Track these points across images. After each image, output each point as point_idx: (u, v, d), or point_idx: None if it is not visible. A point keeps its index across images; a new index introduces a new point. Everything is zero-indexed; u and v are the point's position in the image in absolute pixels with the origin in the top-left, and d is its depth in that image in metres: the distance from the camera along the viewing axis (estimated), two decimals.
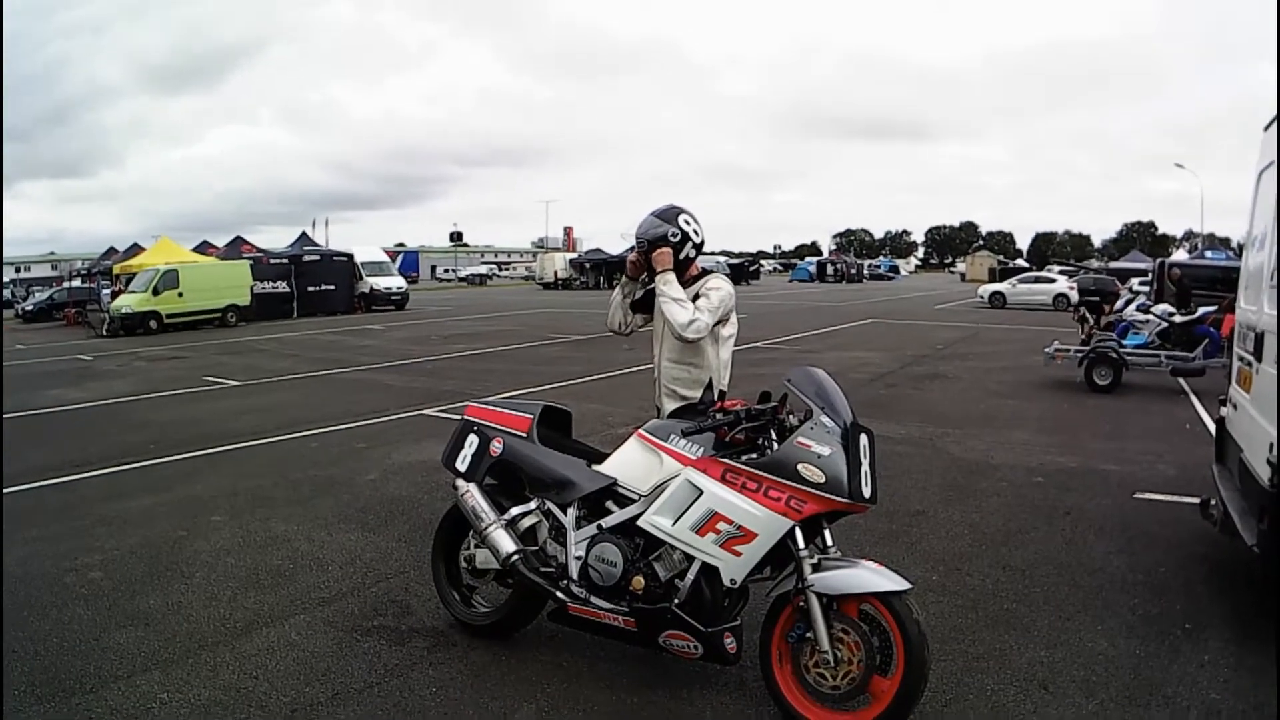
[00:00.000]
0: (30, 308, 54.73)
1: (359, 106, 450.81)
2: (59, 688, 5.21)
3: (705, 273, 5.76)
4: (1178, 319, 17.49)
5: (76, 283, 54.79)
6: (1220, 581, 6.62)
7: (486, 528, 5.41)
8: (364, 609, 6.37)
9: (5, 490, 9.68)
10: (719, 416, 4.88)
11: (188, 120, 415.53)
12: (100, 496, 9.60)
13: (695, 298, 5.50)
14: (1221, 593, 6.42)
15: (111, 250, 53.83)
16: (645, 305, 5.91)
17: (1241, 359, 6.83)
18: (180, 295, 37.25)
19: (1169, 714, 4.76)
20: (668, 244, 5.54)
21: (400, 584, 6.83)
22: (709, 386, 5.54)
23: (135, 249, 48.15)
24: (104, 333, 36.08)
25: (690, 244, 5.62)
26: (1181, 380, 16.14)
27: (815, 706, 4.59)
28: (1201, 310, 17.78)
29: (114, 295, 39.63)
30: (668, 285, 5.44)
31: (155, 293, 36.59)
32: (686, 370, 5.64)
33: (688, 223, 5.63)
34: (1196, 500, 7.32)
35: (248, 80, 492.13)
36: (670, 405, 5.58)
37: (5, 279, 78.00)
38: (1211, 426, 9.06)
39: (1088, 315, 20.94)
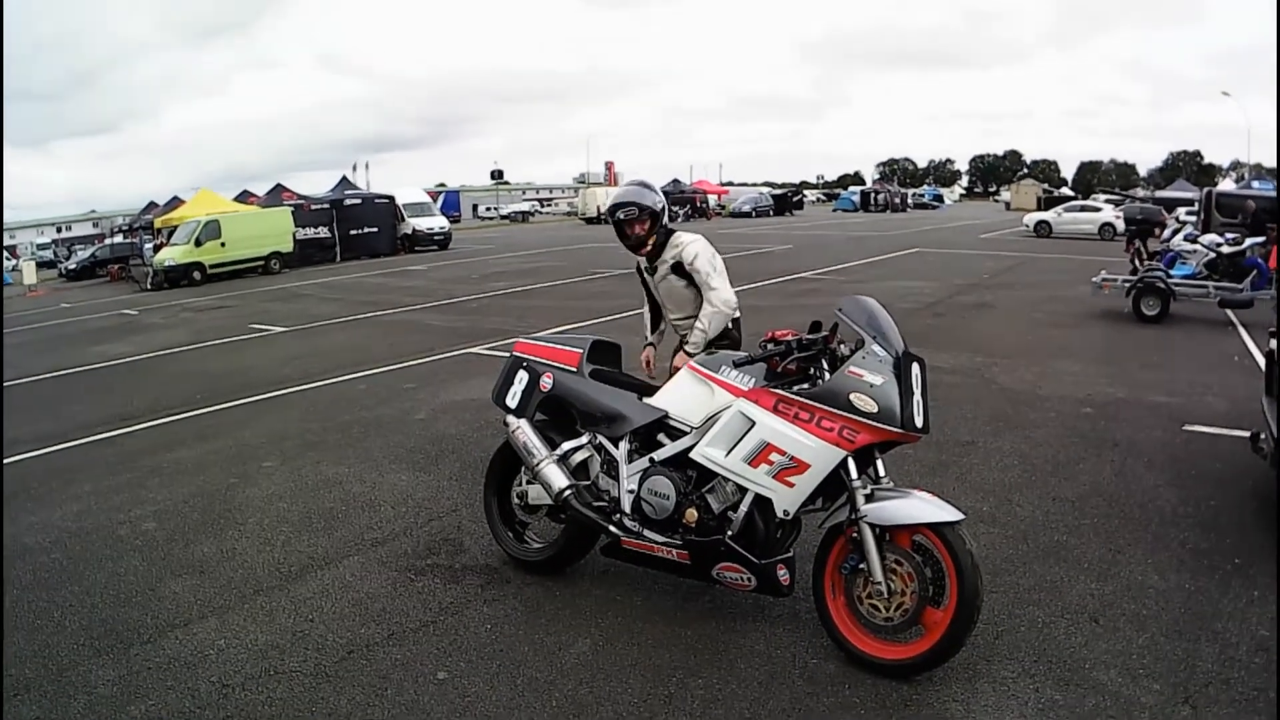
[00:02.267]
0: (74, 266, 54.87)
1: (394, 48, 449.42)
2: (117, 639, 5.30)
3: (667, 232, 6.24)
4: (1225, 249, 17.25)
5: (118, 239, 55.09)
6: (1270, 516, 6.51)
7: (538, 463, 5.44)
8: (417, 548, 6.44)
9: (58, 447, 9.88)
10: (770, 347, 4.87)
11: (221, 71, 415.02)
12: (151, 448, 9.70)
13: (678, 265, 6.10)
14: (1271, 527, 6.32)
15: (152, 205, 53.87)
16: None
17: None
18: (223, 245, 37.20)
19: (1218, 649, 4.74)
20: (656, 212, 6.16)
21: (453, 522, 6.90)
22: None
23: (176, 202, 48.19)
24: (148, 286, 36.14)
25: (667, 212, 6.27)
26: (1229, 312, 15.92)
27: (868, 638, 4.61)
28: (1249, 241, 17.55)
29: (156, 249, 39.55)
30: (701, 344, 6.06)
31: (198, 244, 36.55)
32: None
33: (660, 192, 6.27)
34: (1247, 433, 7.26)
35: (279, 27, 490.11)
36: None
37: (48, 240, 78.70)
38: (1260, 359, 8.97)
39: (1143, 248, 20.70)
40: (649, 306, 6.82)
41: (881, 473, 4.65)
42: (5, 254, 53.92)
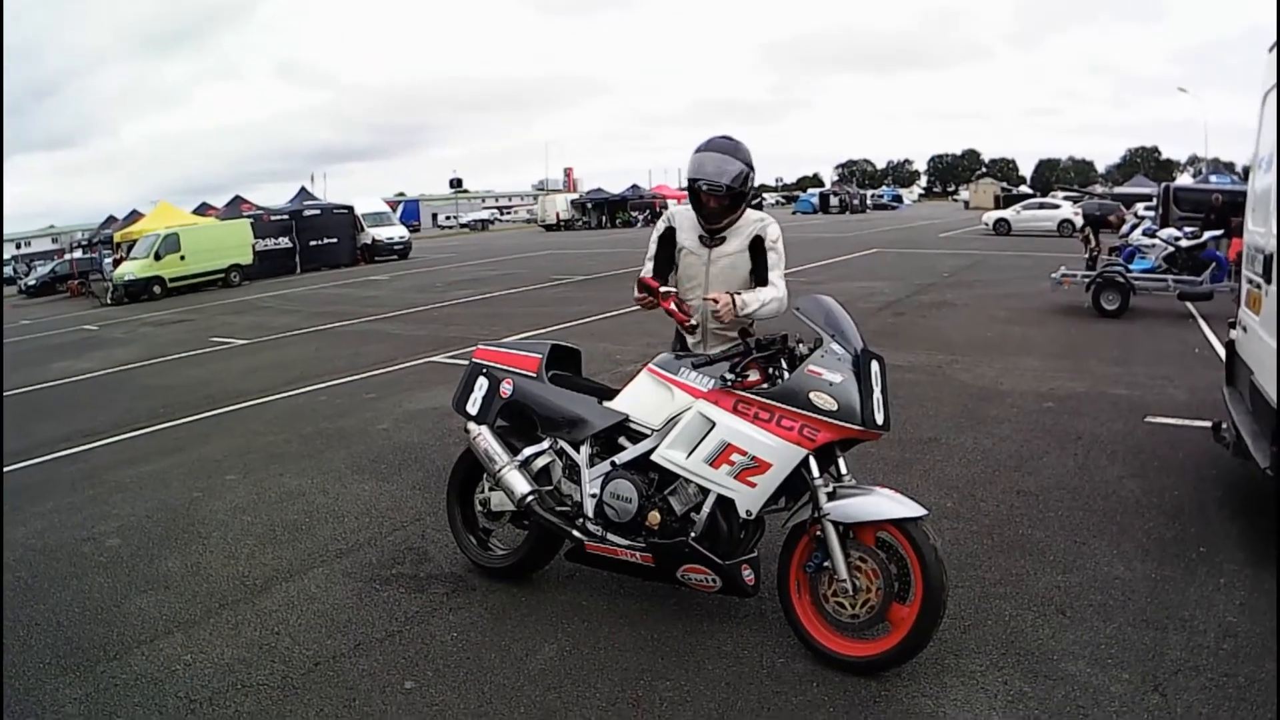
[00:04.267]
0: (33, 282, 54.30)
1: (353, 57, 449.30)
2: (83, 657, 5.24)
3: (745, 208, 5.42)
4: (1184, 243, 17.39)
5: (78, 254, 54.61)
6: (1234, 504, 6.61)
7: (500, 470, 5.42)
8: (382, 558, 6.40)
9: (20, 464, 9.77)
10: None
11: (179, 83, 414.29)
12: (114, 464, 9.62)
13: (757, 242, 5.35)
14: (1235, 516, 6.41)
15: (111, 219, 53.50)
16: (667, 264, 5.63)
17: (1250, 281, 6.79)
18: (182, 258, 37.06)
19: (1186, 637, 4.77)
20: (746, 188, 5.24)
21: (417, 531, 6.87)
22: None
23: (135, 215, 47.82)
24: (108, 301, 35.95)
25: (751, 181, 5.29)
26: (1189, 304, 16.07)
27: (835, 636, 4.62)
28: (1208, 234, 17.70)
29: (116, 263, 39.42)
30: (749, 309, 5.18)
31: (157, 258, 36.42)
32: None
33: (748, 156, 5.25)
34: (1208, 424, 7.30)
35: (238, 38, 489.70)
36: (719, 347, 5.42)
37: (6, 255, 77.94)
38: (1220, 350, 9.04)
39: (1091, 235, 20.88)
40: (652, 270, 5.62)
41: (843, 471, 4.67)
42: None
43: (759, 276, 5.39)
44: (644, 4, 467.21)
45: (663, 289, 5.20)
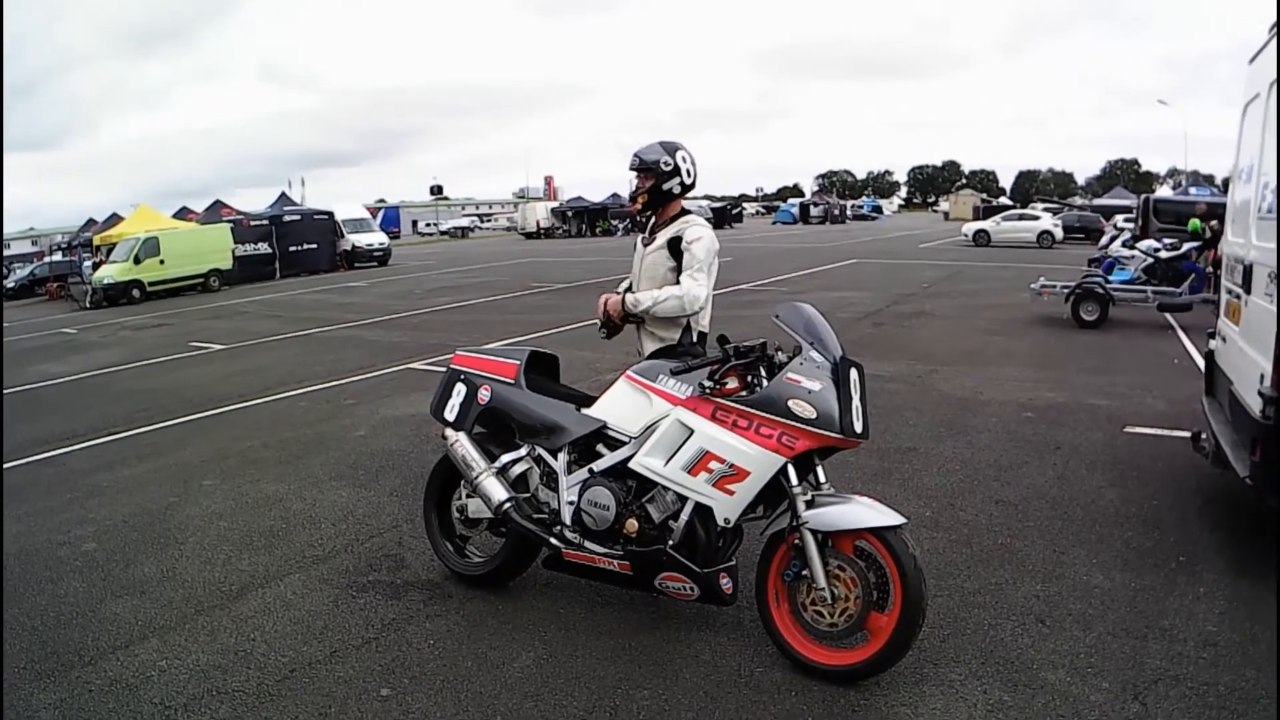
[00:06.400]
0: (11, 285, 53.99)
1: (336, 60, 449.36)
2: (58, 662, 5.20)
3: (684, 212, 5.63)
4: (1163, 254, 17.49)
5: (57, 257, 54.25)
6: (1213, 514, 6.64)
7: (477, 476, 5.40)
8: (358, 565, 6.37)
9: None
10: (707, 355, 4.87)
11: (160, 84, 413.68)
12: (91, 468, 9.56)
13: (674, 241, 5.43)
14: (1215, 525, 6.44)
15: (91, 221, 53.31)
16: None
17: (1230, 292, 6.82)
18: (162, 262, 36.86)
19: (1166, 646, 4.78)
20: (658, 171, 5.45)
21: (394, 538, 6.84)
22: (687, 328, 5.48)
23: (114, 219, 47.63)
24: (87, 305, 35.75)
25: (678, 179, 5.50)
26: (1168, 315, 16.16)
27: (813, 645, 4.60)
28: (1187, 246, 17.80)
29: (95, 267, 39.12)
30: (641, 305, 5.44)
31: (136, 261, 36.20)
32: None
33: (684, 160, 5.51)
34: (1187, 434, 7.33)
35: (222, 37, 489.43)
36: (650, 346, 5.50)
37: None
38: (1199, 361, 9.08)
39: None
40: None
41: (822, 479, 4.65)
42: None
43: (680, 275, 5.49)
44: (627, 6, 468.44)
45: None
